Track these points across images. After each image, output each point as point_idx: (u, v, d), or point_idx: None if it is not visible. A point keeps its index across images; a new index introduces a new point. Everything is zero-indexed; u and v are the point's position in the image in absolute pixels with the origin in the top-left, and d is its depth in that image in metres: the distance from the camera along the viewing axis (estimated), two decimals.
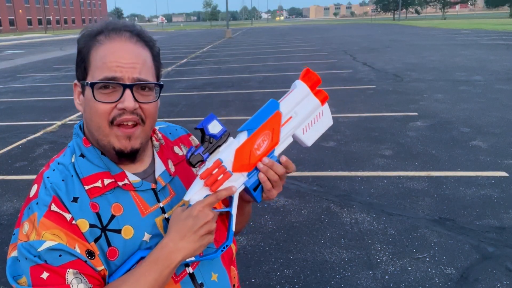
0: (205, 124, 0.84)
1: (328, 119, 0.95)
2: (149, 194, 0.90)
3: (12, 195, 4.29)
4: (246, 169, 0.88)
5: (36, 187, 0.85)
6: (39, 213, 0.80)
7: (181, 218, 0.83)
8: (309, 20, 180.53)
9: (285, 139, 0.91)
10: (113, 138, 0.84)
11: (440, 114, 6.79)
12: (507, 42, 19.47)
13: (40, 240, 0.78)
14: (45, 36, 49.26)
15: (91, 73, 0.84)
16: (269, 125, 0.88)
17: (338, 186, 4.21)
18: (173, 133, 1.06)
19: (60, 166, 0.87)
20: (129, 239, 0.85)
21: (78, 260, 0.79)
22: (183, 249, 0.81)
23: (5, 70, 15.83)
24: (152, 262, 0.80)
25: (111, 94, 0.82)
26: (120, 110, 0.82)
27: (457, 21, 55.07)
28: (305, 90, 0.91)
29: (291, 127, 0.91)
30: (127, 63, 0.82)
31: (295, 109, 0.91)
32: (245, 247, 3.20)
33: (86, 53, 0.84)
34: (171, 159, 0.99)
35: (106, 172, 0.87)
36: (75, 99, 0.90)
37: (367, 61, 13.96)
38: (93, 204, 0.84)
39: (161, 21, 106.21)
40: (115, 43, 0.83)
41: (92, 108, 0.83)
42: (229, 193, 0.86)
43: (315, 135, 0.93)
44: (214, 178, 0.85)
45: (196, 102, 8.56)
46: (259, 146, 0.88)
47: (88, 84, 0.83)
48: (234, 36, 36.68)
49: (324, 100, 0.93)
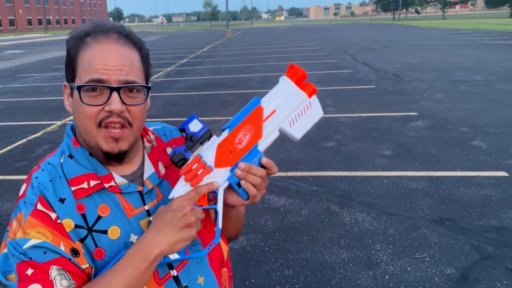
0: (185, 124, 0.86)
1: (317, 111, 0.92)
2: (135, 196, 0.90)
3: (12, 195, 4.29)
4: (228, 163, 0.87)
5: (25, 187, 0.87)
6: (25, 211, 0.81)
7: (160, 213, 0.84)
8: (309, 20, 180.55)
9: (270, 133, 0.90)
10: (100, 140, 0.84)
11: (440, 114, 6.79)
12: (507, 42, 19.47)
13: (25, 238, 0.79)
14: (45, 36, 49.26)
15: (79, 75, 0.84)
16: (250, 120, 0.88)
17: (338, 186, 4.21)
18: (167, 134, 1.05)
19: (49, 167, 0.87)
20: (115, 240, 0.86)
21: (62, 258, 0.80)
22: (161, 242, 0.80)
23: (5, 70, 15.83)
24: (129, 256, 0.80)
25: (98, 96, 0.83)
26: (108, 112, 0.83)
27: (457, 21, 55.08)
28: (288, 84, 0.91)
29: (276, 120, 0.89)
30: (114, 66, 0.82)
31: (278, 102, 0.90)
32: (245, 247, 3.20)
33: (74, 55, 0.85)
34: (162, 161, 0.98)
35: (93, 174, 0.87)
36: (65, 101, 0.91)
37: (367, 61, 13.96)
38: (80, 205, 0.84)
39: (161, 21, 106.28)
40: (102, 45, 0.83)
41: (79, 111, 0.84)
42: (210, 188, 0.86)
43: (303, 127, 0.91)
44: (194, 173, 0.85)
45: (196, 102, 8.56)
46: (241, 140, 0.88)
47: (75, 87, 0.83)
48: (234, 36, 36.68)
49: (312, 93, 0.92)
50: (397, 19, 73.20)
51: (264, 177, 0.89)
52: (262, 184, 0.88)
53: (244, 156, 0.88)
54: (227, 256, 1.06)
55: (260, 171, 0.88)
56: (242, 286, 2.77)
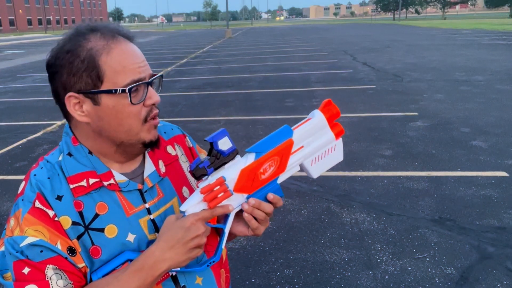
0: (215, 139, 0.83)
1: (338, 155, 0.92)
2: (134, 194, 0.90)
3: (12, 195, 4.29)
4: (247, 190, 0.87)
5: (23, 184, 0.86)
6: (23, 209, 0.81)
7: (172, 228, 0.83)
8: (309, 20, 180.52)
9: (292, 168, 0.89)
10: (144, 133, 0.86)
11: (440, 114, 6.79)
12: (507, 42, 19.47)
13: (22, 236, 0.79)
14: (45, 36, 49.24)
15: (109, 79, 0.81)
16: (279, 152, 0.86)
17: (338, 186, 4.21)
18: (168, 132, 1.05)
19: (48, 164, 0.87)
20: (112, 238, 0.85)
21: (58, 257, 0.80)
22: (169, 260, 0.81)
23: (5, 70, 15.84)
24: (137, 269, 0.81)
25: (137, 94, 0.84)
26: (148, 107, 0.86)
27: (457, 21, 55.08)
28: (323, 122, 0.89)
29: (301, 156, 0.89)
30: (142, 62, 0.85)
31: (308, 139, 0.89)
32: (245, 247, 3.20)
33: (92, 60, 0.80)
34: (163, 159, 0.98)
35: (92, 172, 0.86)
36: (73, 112, 0.83)
37: (367, 61, 13.96)
38: (77, 203, 0.84)
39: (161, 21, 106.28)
40: (122, 46, 0.83)
41: (124, 113, 0.83)
42: (225, 211, 0.86)
43: (322, 168, 0.91)
44: (214, 195, 0.84)
45: (196, 102, 8.56)
46: (265, 171, 0.87)
47: (121, 91, 0.81)
48: (234, 36, 36.68)
49: (339, 134, 0.91)
50: (397, 19, 73.20)
51: (270, 213, 0.89)
52: (267, 218, 0.89)
53: (263, 187, 0.88)
54: (225, 258, 1.06)
55: (269, 207, 0.88)
56: (242, 286, 2.77)
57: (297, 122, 0.90)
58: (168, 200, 0.94)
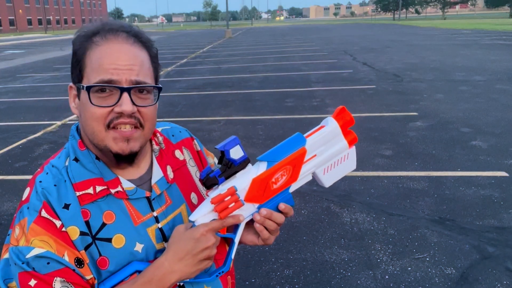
0: (227, 148, 0.80)
1: (351, 163, 0.90)
2: (142, 202, 0.87)
3: (12, 195, 4.29)
4: (258, 200, 0.85)
5: (28, 191, 0.83)
6: (29, 218, 0.78)
7: (182, 238, 0.81)
8: (309, 20, 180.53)
9: (304, 177, 0.87)
10: (109, 142, 0.80)
11: (440, 114, 6.79)
12: (507, 42, 19.47)
13: (28, 247, 0.76)
14: (45, 36, 49.25)
15: (87, 75, 0.80)
16: (292, 161, 0.84)
17: (338, 186, 4.21)
18: (176, 135, 1.01)
19: (54, 170, 0.84)
20: (120, 248, 0.83)
21: (66, 269, 0.77)
22: (179, 271, 0.80)
23: (5, 70, 15.83)
24: (146, 282, 0.79)
25: (107, 97, 0.79)
26: (117, 114, 0.79)
27: (457, 21, 55.08)
28: (336, 130, 0.87)
29: (313, 165, 0.87)
30: (124, 65, 0.79)
31: (321, 147, 0.87)
32: (245, 247, 3.19)
33: (82, 55, 0.81)
34: (171, 164, 0.95)
35: (99, 179, 0.83)
36: (70, 103, 0.86)
37: (367, 61, 13.96)
38: (84, 211, 0.81)
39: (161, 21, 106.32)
40: (111, 44, 0.80)
41: (87, 112, 0.80)
42: (236, 221, 0.84)
43: (335, 177, 0.90)
44: (225, 205, 0.81)
45: (196, 102, 8.56)
46: (277, 180, 0.85)
47: (84, 88, 0.79)
48: (234, 36, 36.68)
49: (352, 142, 0.90)
50: (397, 19, 73.18)
51: (282, 223, 0.87)
52: (277, 228, 0.88)
53: (275, 196, 0.87)
54: (232, 265, 1.06)
55: (280, 217, 0.86)
56: (242, 286, 2.77)
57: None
58: (177, 207, 0.92)
